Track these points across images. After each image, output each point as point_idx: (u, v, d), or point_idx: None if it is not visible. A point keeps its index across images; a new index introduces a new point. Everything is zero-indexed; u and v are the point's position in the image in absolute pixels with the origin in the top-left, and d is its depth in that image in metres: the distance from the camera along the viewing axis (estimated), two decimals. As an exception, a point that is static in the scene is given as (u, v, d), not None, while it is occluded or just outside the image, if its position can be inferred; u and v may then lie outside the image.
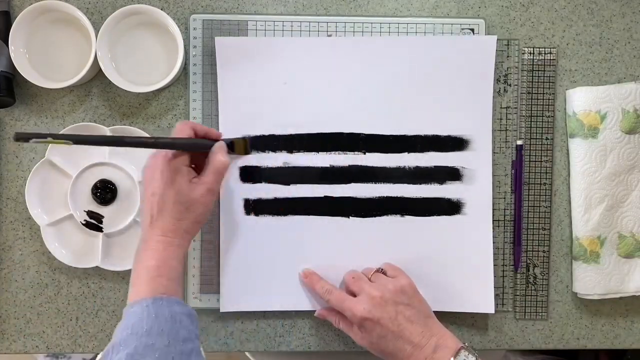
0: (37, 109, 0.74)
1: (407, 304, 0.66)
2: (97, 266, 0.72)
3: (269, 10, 0.75)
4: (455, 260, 0.73)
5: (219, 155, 0.65)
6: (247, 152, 0.72)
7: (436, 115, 0.73)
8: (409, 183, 0.73)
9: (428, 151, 0.73)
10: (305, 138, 0.73)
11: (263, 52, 0.72)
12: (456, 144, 0.73)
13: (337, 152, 0.73)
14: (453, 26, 0.74)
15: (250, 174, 0.73)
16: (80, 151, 0.72)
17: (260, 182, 0.73)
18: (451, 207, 0.73)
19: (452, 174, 0.73)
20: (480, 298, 0.73)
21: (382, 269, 0.71)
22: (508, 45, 0.75)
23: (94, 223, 0.72)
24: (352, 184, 0.73)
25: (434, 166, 0.73)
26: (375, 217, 0.73)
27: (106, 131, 0.72)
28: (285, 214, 0.73)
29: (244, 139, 0.72)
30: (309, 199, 0.73)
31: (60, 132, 0.72)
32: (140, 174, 0.67)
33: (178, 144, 0.64)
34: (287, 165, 0.73)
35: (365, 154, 0.73)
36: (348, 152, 0.73)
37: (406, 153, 0.73)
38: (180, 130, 0.65)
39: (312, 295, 0.73)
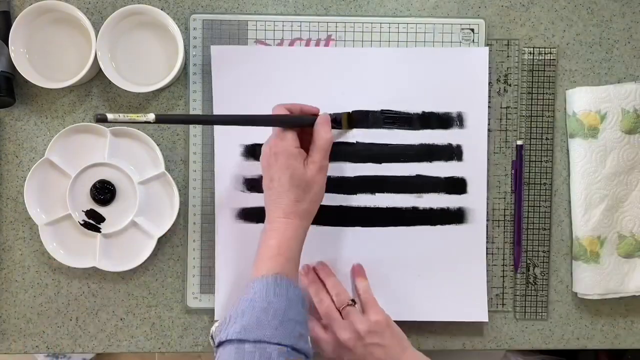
0: (37, 109, 0.74)
1: (378, 343, 0.65)
2: (94, 266, 0.72)
3: (269, 10, 0.74)
4: (450, 269, 0.73)
5: (322, 132, 0.66)
6: (352, 126, 0.73)
7: (430, 125, 0.73)
8: (404, 193, 0.73)
9: (422, 161, 0.73)
10: None
11: (258, 61, 0.72)
12: (451, 153, 0.73)
13: (331, 162, 0.73)
14: (453, 26, 0.74)
15: (250, 182, 0.73)
16: (79, 151, 0.72)
17: (259, 191, 0.72)
18: (445, 217, 0.73)
19: (446, 183, 0.73)
20: (474, 306, 0.73)
21: (352, 301, 0.69)
22: (508, 45, 0.75)
23: (92, 223, 0.72)
24: (347, 195, 0.73)
25: (428, 175, 0.73)
26: (370, 227, 0.73)
27: (106, 132, 0.72)
28: None
29: (348, 113, 0.72)
30: None
31: (59, 133, 0.72)
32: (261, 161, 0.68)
33: (290, 121, 0.65)
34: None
35: (357, 163, 0.73)
36: (340, 162, 0.73)
37: (402, 163, 0.73)
38: (278, 112, 0.66)
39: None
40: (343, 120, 0.72)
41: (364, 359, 0.65)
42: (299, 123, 0.67)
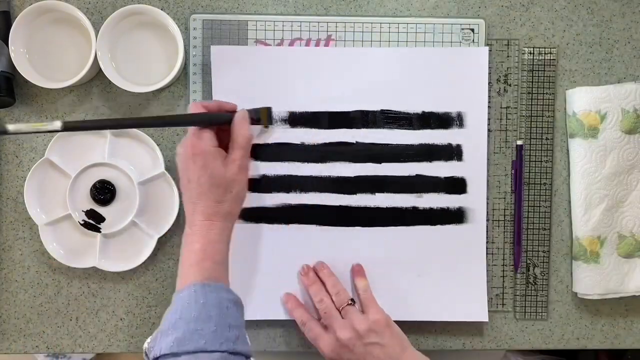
0: (37, 109, 0.74)
1: (377, 342, 0.65)
2: (94, 266, 0.72)
3: (269, 10, 0.74)
4: (450, 269, 0.73)
5: (240, 129, 0.65)
6: (270, 123, 0.71)
7: (430, 125, 0.73)
8: (403, 192, 0.73)
9: (422, 161, 0.73)
10: (299, 147, 0.73)
11: (258, 61, 0.72)
12: (451, 153, 0.73)
13: (330, 162, 0.73)
14: (453, 26, 0.74)
15: (252, 183, 0.73)
16: (79, 151, 0.72)
17: (259, 191, 0.73)
18: (445, 217, 0.73)
19: (446, 183, 0.73)
20: (474, 306, 0.73)
21: (352, 301, 0.69)
22: (508, 45, 0.75)
23: (92, 223, 0.72)
24: (348, 195, 0.73)
25: (428, 175, 0.73)
26: (370, 227, 0.73)
27: (106, 132, 0.72)
28: (284, 222, 0.73)
29: (267, 108, 0.71)
30: (305, 208, 0.73)
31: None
32: (177, 162, 0.66)
33: (202, 119, 0.64)
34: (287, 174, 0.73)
35: (357, 163, 0.73)
36: (342, 162, 0.73)
37: (402, 163, 0.73)
38: (194, 110, 0.65)
39: (307, 305, 0.73)
40: (262, 116, 0.70)
41: (363, 358, 0.65)
42: (216, 121, 0.65)
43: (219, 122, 0.66)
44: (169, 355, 0.55)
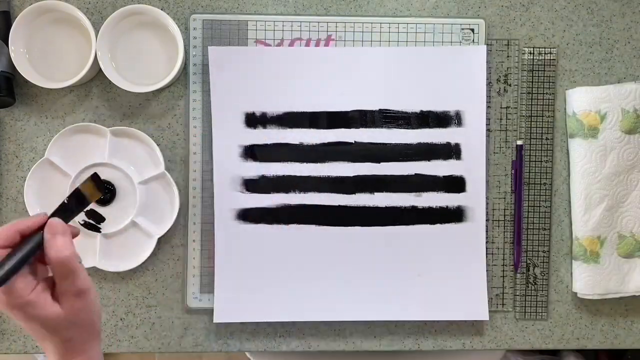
0: (37, 109, 0.74)
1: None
2: (94, 266, 0.72)
3: (269, 10, 0.75)
4: (449, 268, 0.73)
5: (54, 252, 0.50)
6: (100, 192, 0.57)
7: (428, 124, 0.73)
8: (402, 192, 0.73)
9: (421, 160, 0.73)
10: (298, 147, 0.73)
11: (256, 61, 0.72)
12: (450, 151, 0.73)
13: (329, 162, 0.73)
14: (453, 26, 0.74)
15: (248, 183, 0.73)
16: (79, 151, 0.72)
17: (258, 192, 0.73)
18: (444, 216, 0.73)
19: (445, 182, 0.73)
20: (474, 305, 0.73)
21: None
22: (508, 45, 0.75)
23: (92, 223, 0.72)
24: (347, 195, 0.73)
25: (427, 174, 0.73)
26: (369, 226, 0.73)
27: (106, 132, 0.72)
28: (283, 222, 0.73)
29: (91, 176, 0.57)
30: (304, 208, 0.73)
31: (59, 133, 0.72)
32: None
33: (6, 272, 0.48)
34: (287, 175, 0.73)
35: (355, 163, 0.73)
36: (341, 162, 0.73)
37: (401, 162, 0.73)
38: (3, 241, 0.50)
39: (309, 306, 0.73)
40: (87, 190, 0.56)
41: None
42: (21, 262, 0.49)
43: (26, 258, 0.50)
44: None
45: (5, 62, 0.71)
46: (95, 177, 0.56)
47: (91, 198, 0.56)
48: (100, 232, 0.72)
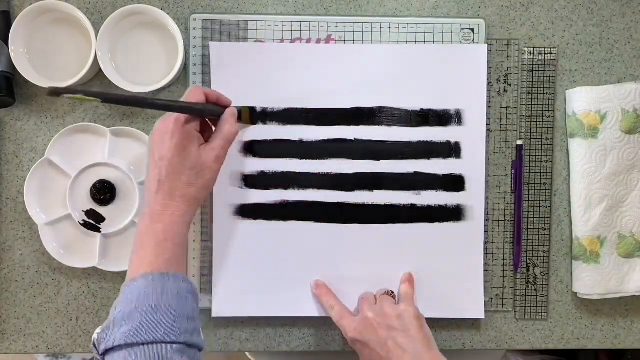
0: (37, 109, 0.74)
1: (402, 330, 0.64)
2: (94, 266, 0.72)
3: (269, 10, 0.75)
4: (447, 266, 0.73)
5: (229, 124, 0.64)
6: (253, 122, 0.72)
7: (428, 123, 0.73)
8: (402, 190, 0.73)
9: (420, 158, 0.73)
10: (297, 143, 0.73)
11: (257, 58, 0.72)
12: (450, 150, 0.73)
13: (329, 159, 0.73)
14: (453, 26, 0.74)
15: (248, 179, 0.73)
16: (79, 151, 0.72)
17: (257, 188, 0.73)
18: (443, 214, 0.73)
19: (444, 180, 0.73)
20: (470, 304, 0.73)
21: (392, 292, 0.70)
22: (508, 45, 0.75)
23: (92, 223, 0.72)
24: (346, 192, 0.73)
25: (427, 173, 0.73)
26: (368, 224, 0.73)
27: (106, 132, 0.72)
28: (280, 219, 0.73)
29: (249, 108, 0.72)
30: (303, 204, 0.73)
31: (59, 133, 0.72)
32: (148, 139, 0.65)
33: (196, 109, 0.63)
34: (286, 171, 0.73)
35: (355, 160, 0.73)
36: (341, 159, 0.73)
37: (400, 160, 0.73)
38: (193, 95, 0.63)
39: (307, 302, 0.73)
40: (243, 115, 0.71)
41: (384, 343, 0.63)
42: (209, 113, 0.65)
43: (211, 114, 0.65)
44: (123, 347, 0.52)
45: (5, 62, 0.71)
46: (253, 110, 0.72)
47: (243, 120, 0.71)
48: (100, 232, 0.72)
